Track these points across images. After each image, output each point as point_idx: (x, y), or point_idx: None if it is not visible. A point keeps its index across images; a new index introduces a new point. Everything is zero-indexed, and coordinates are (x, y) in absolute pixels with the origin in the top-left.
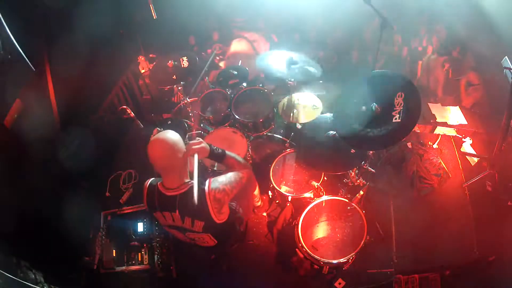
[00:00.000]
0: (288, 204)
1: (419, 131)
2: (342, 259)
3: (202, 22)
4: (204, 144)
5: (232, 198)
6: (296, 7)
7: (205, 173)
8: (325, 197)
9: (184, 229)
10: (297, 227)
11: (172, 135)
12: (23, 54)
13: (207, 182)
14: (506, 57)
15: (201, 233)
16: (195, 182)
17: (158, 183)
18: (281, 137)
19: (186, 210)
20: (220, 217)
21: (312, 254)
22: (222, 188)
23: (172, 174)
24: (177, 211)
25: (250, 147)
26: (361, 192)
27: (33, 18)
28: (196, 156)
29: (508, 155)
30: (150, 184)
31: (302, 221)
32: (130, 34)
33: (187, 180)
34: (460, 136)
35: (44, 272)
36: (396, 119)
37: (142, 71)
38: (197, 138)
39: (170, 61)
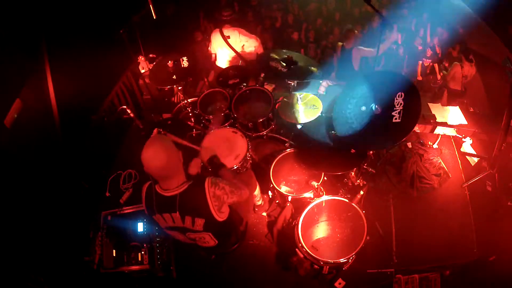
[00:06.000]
0: (288, 204)
1: (419, 131)
2: (342, 259)
3: None
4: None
5: (231, 202)
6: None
7: (205, 172)
8: (325, 197)
9: (185, 229)
10: (297, 227)
11: (163, 144)
12: None
13: (206, 179)
14: (506, 57)
15: (202, 232)
16: None
17: (156, 185)
18: (281, 137)
19: (187, 209)
20: (220, 215)
21: (312, 254)
22: (222, 186)
23: (171, 178)
24: (177, 211)
25: (250, 147)
26: (361, 192)
27: (34, 17)
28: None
29: (508, 155)
30: (148, 187)
31: (302, 221)
32: (130, 34)
33: (185, 180)
34: (460, 136)
35: (44, 273)
36: (396, 119)
37: (142, 71)
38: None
39: (170, 61)
